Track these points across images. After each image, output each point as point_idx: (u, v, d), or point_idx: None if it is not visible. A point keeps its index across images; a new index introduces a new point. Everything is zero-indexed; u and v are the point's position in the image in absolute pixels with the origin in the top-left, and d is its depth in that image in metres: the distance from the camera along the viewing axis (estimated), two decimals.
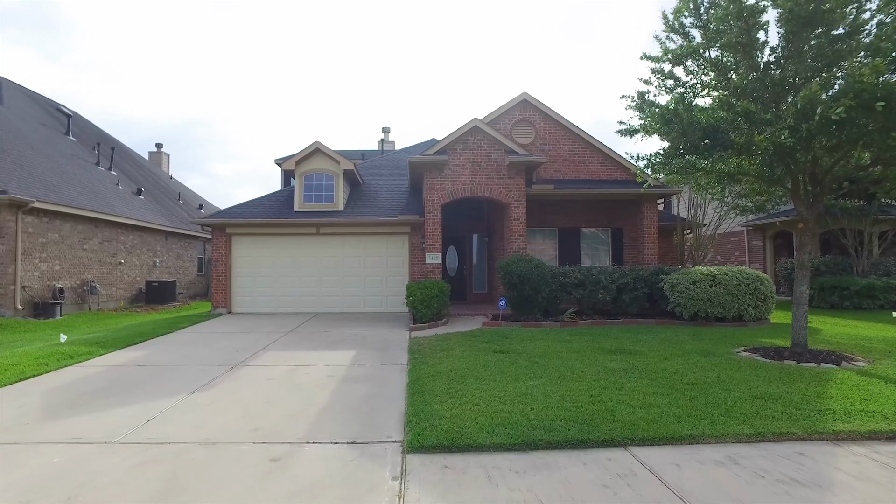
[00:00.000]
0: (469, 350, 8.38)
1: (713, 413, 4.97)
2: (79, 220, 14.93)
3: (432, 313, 11.48)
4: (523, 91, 14.05)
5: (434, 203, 13.03)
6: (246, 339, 9.98)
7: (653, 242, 13.98)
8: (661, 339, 9.36)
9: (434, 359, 7.80)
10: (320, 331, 11.08)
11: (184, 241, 21.86)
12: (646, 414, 4.97)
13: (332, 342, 9.73)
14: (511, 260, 11.80)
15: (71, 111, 23.35)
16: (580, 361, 7.42)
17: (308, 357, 8.30)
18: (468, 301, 16.22)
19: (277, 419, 5.17)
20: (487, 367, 7.14)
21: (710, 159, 7.89)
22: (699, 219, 14.65)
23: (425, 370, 7.05)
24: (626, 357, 7.71)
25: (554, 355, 7.88)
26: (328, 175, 14.78)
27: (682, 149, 7.62)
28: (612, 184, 14.08)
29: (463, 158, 13.06)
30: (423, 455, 4.21)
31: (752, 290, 11.33)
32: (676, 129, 7.64)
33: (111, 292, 16.60)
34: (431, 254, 13.01)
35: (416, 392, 5.97)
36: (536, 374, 6.70)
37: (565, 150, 14.26)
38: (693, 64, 8.04)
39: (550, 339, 9.43)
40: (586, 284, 12.17)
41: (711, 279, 11.34)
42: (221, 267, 14.26)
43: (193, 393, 6.15)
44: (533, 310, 11.75)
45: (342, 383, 6.59)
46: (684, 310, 11.41)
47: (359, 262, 14.60)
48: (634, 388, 5.93)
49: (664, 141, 8.30)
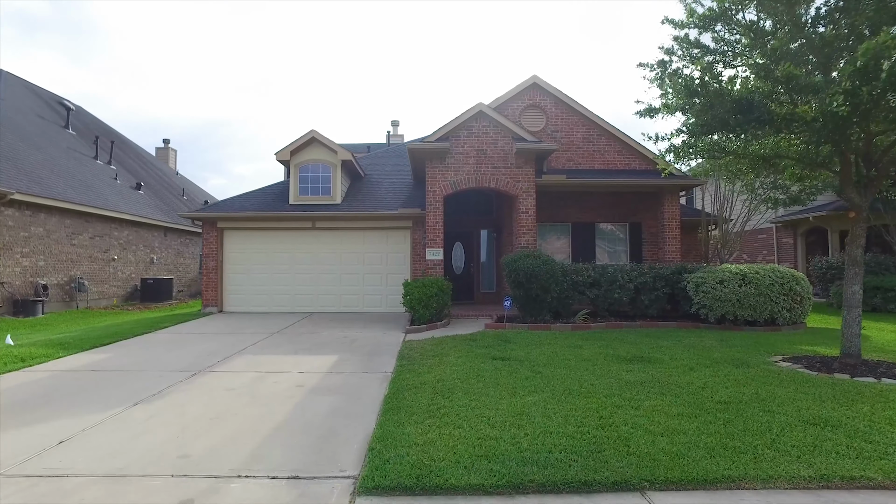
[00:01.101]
0: (465, 356, 7.39)
1: (756, 445, 3.91)
2: (66, 214, 14.29)
3: (431, 314, 10.52)
4: (533, 74, 12.99)
5: (436, 194, 12.06)
6: (225, 341, 9.14)
7: (674, 238, 12.81)
8: (685, 345, 8.26)
9: (423, 366, 6.84)
10: (309, 332, 10.20)
11: (184, 237, 21.24)
12: (669, 444, 3.94)
13: (317, 345, 8.83)
14: (517, 256, 10.77)
15: (74, 105, 22.92)
16: (590, 372, 6.39)
17: (284, 362, 7.40)
18: (475, 301, 15.22)
19: (216, 442, 4.26)
20: (481, 377, 6.15)
21: (741, 138, 6.78)
22: (726, 213, 13.42)
23: (409, 380, 6.09)
24: (645, 367, 6.65)
25: (560, 364, 6.86)
26: (325, 166, 13.91)
27: (709, 125, 6.51)
28: (631, 174, 12.93)
29: (467, 146, 12.06)
30: (377, 499, 3.26)
31: (787, 290, 10.14)
32: (703, 102, 6.55)
33: (103, 289, 15.97)
34: (432, 249, 12.04)
35: (392, 408, 5.01)
36: (538, 387, 5.69)
37: (579, 138, 13.14)
38: (723, 28, 6.94)
39: (558, 344, 8.40)
40: (601, 283, 11.09)
41: (741, 278, 10.18)
42: (212, 263, 13.48)
43: (135, 405, 5.28)
44: (541, 311, 10.71)
45: (310, 395, 5.66)
46: (710, 312, 10.28)
47: (357, 259, 13.70)
48: (654, 407, 4.89)
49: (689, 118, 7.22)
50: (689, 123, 6.64)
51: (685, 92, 6.61)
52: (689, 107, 6.65)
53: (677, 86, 6.51)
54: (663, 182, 12.19)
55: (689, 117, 7.02)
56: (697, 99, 6.43)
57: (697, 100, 6.48)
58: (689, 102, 6.53)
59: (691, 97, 6.42)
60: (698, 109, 6.34)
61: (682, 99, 6.49)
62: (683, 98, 6.47)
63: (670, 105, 7.06)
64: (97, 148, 19.76)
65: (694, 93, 6.46)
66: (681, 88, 6.51)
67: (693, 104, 6.60)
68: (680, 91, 6.69)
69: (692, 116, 6.76)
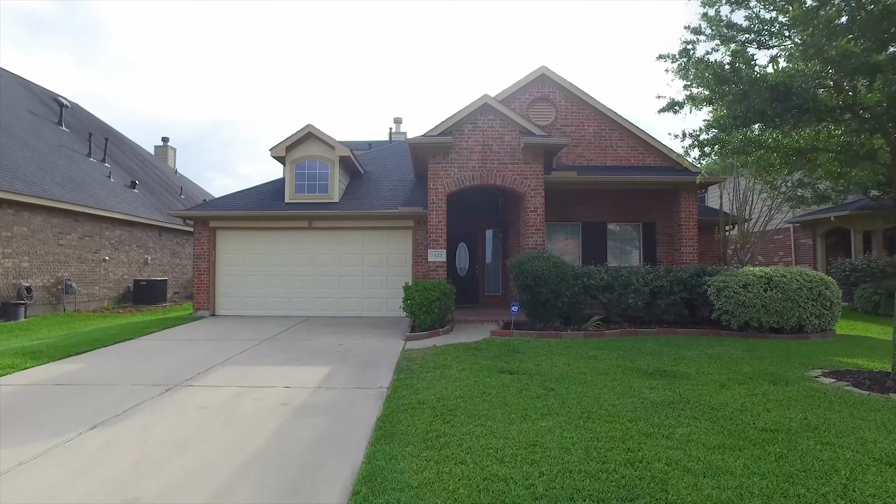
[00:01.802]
0: (469, 369, 6.72)
1: (825, 493, 3.21)
2: (53, 213, 13.68)
3: (433, 320, 9.84)
4: (541, 65, 12.27)
5: (438, 192, 11.38)
6: (210, 350, 8.49)
7: (691, 239, 12.08)
8: (709, 355, 7.55)
9: (423, 381, 6.16)
10: (302, 339, 9.55)
11: (180, 237, 20.64)
12: (717, 490, 3.25)
13: (310, 354, 8.17)
14: (525, 258, 10.08)
15: (70, 102, 22.37)
16: (609, 389, 5.70)
17: (271, 375, 6.74)
18: (480, 304, 14.53)
19: (174, 479, 3.60)
20: (487, 395, 5.47)
21: (780, 130, 6.07)
22: (745, 212, 12.68)
23: (407, 399, 5.42)
24: (670, 383, 5.95)
25: (575, 378, 6.17)
26: (322, 162, 13.25)
27: (744, 117, 5.80)
28: (645, 171, 12.21)
29: (471, 141, 11.37)
30: None
31: (816, 295, 9.42)
32: (735, 90, 5.84)
33: (93, 291, 15.36)
34: (434, 251, 11.35)
35: (384, 436, 4.34)
36: (551, 408, 5.00)
37: (590, 133, 12.43)
38: (758, 4, 6.23)
39: (571, 353, 7.70)
40: (614, 287, 10.38)
41: (766, 282, 9.46)
42: (204, 265, 12.85)
43: (92, 429, 4.63)
44: (551, 316, 10.02)
45: (294, 417, 5.00)
46: (732, 318, 9.56)
47: (356, 260, 13.04)
48: (689, 436, 4.19)
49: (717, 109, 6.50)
50: (721, 116, 5.93)
51: (714, 80, 5.91)
52: (719, 97, 5.94)
53: (704, 74, 5.80)
54: (680, 179, 11.48)
55: (717, 109, 6.33)
56: (729, 87, 5.73)
57: (729, 88, 5.78)
58: (719, 92, 5.82)
59: (722, 85, 5.71)
60: (731, 99, 5.63)
61: (711, 88, 5.79)
62: (713, 87, 5.76)
63: (697, 97, 6.37)
64: (90, 145, 19.17)
65: (724, 80, 5.75)
66: (708, 77, 5.80)
67: (724, 93, 5.90)
68: (708, 79, 5.99)
69: (724, 107, 6.05)
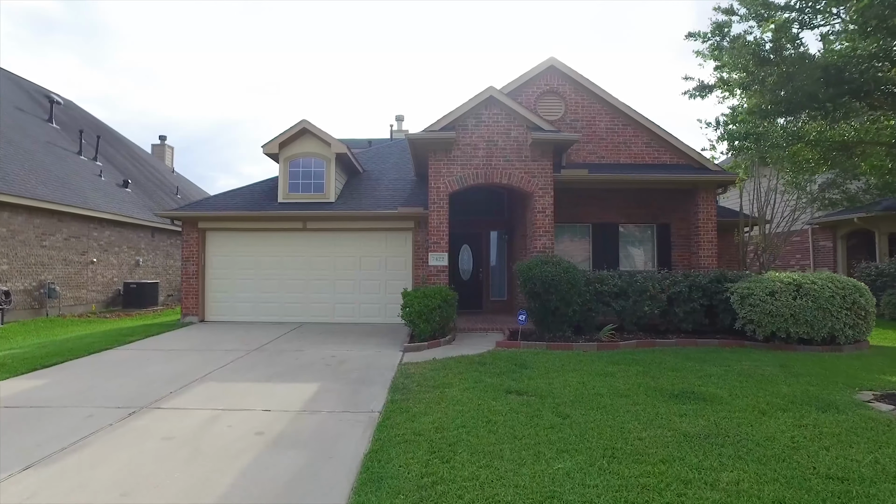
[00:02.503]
0: (472, 388, 6.00)
1: None
2: (35, 213, 13.04)
3: (434, 329, 9.12)
4: (550, 56, 11.51)
5: (440, 191, 10.66)
6: (191, 362, 7.80)
7: (710, 242, 11.30)
8: (739, 372, 6.80)
9: (420, 404, 5.45)
10: (292, 350, 8.85)
11: (174, 237, 19.99)
12: None
13: (298, 368, 7.46)
14: (533, 262, 9.35)
15: (63, 99, 21.81)
16: (633, 415, 4.97)
17: (251, 394, 6.05)
18: (483, 310, 13.82)
19: None
20: (493, 424, 4.75)
21: (828, 118, 5.33)
22: (767, 213, 11.89)
23: (401, 427, 4.71)
24: (701, 408, 5.21)
25: (592, 401, 5.44)
26: (317, 160, 12.55)
27: (790, 101, 5.06)
28: (661, 168, 11.43)
29: (475, 136, 10.64)
30: None
31: (850, 303, 8.68)
32: (778, 72, 5.11)
33: (79, 295, 14.71)
34: (436, 254, 10.63)
35: (371, 479, 3.64)
36: (568, 442, 4.28)
37: (602, 128, 11.66)
38: None
39: (585, 369, 6.97)
40: (629, 294, 9.64)
41: (795, 289, 8.73)
42: (192, 268, 12.17)
43: (26, 469, 3.94)
44: (561, 325, 9.28)
45: (269, 451, 4.29)
46: (758, 328, 8.83)
47: (353, 264, 12.33)
48: (738, 484, 3.46)
49: (753, 94, 5.76)
50: (759, 103, 5.19)
51: (753, 60, 5.18)
52: (758, 81, 5.20)
53: (742, 54, 5.07)
54: (699, 178, 10.70)
55: (753, 96, 5.59)
56: (770, 69, 5.00)
57: (770, 70, 5.05)
58: (757, 75, 5.09)
59: (762, 66, 4.98)
60: (774, 81, 4.91)
61: (749, 70, 5.06)
62: (751, 69, 5.03)
63: (729, 82, 5.64)
64: (81, 143, 18.55)
65: (765, 60, 5.02)
66: (747, 58, 5.07)
67: (763, 77, 5.17)
68: (745, 61, 5.26)
69: (763, 93, 5.31)
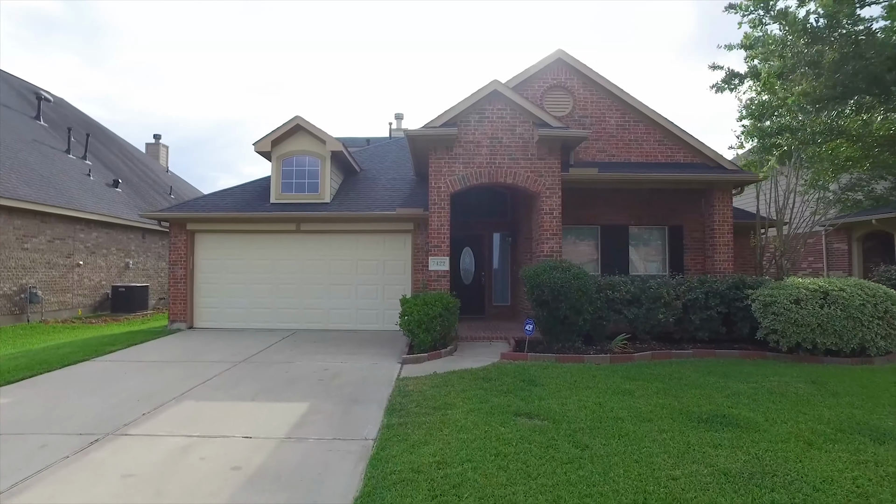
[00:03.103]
0: (477, 410, 5.39)
1: None
2: (16, 214, 12.43)
3: (434, 339, 8.52)
4: (558, 49, 10.91)
5: (441, 192, 10.05)
6: (172, 376, 7.20)
7: (726, 245, 10.71)
8: (769, 390, 6.20)
9: (420, 430, 4.84)
10: (282, 361, 8.24)
11: (166, 239, 19.28)
12: None
13: (286, 384, 6.85)
14: (541, 268, 8.74)
15: (53, 96, 21.22)
16: (660, 446, 4.36)
17: (232, 416, 5.45)
18: (486, 315, 13.21)
19: None
20: (503, 458, 4.14)
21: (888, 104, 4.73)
22: (786, 215, 11.29)
23: (397, 461, 4.10)
24: (737, 436, 4.61)
25: (612, 428, 4.83)
26: (312, 158, 11.94)
27: (847, 86, 4.45)
28: (674, 167, 10.83)
29: (478, 133, 10.04)
30: None
31: (882, 312, 8.11)
32: (833, 53, 4.50)
33: (65, 299, 14.11)
34: (436, 258, 10.02)
35: None
36: (591, 483, 3.67)
37: (612, 125, 11.06)
38: None
39: (600, 386, 6.37)
40: (642, 301, 9.04)
41: (822, 297, 8.15)
42: (180, 271, 11.56)
43: None
44: (570, 335, 8.68)
45: (244, 493, 3.69)
46: (782, 338, 8.23)
47: (349, 267, 11.72)
48: None
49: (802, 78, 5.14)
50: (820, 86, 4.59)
51: (805, 37, 4.57)
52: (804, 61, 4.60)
53: (794, 29, 4.46)
54: (715, 177, 10.13)
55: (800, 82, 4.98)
56: (823, 47, 4.39)
57: (824, 49, 4.44)
58: (808, 54, 4.49)
59: (814, 44, 4.37)
60: (832, 60, 4.30)
61: (800, 45, 4.45)
62: (802, 46, 4.43)
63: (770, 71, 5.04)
64: (70, 141, 17.94)
65: (817, 40, 4.41)
66: (797, 32, 4.47)
67: (818, 59, 4.56)
68: (796, 36, 4.66)
69: (820, 74, 4.70)
